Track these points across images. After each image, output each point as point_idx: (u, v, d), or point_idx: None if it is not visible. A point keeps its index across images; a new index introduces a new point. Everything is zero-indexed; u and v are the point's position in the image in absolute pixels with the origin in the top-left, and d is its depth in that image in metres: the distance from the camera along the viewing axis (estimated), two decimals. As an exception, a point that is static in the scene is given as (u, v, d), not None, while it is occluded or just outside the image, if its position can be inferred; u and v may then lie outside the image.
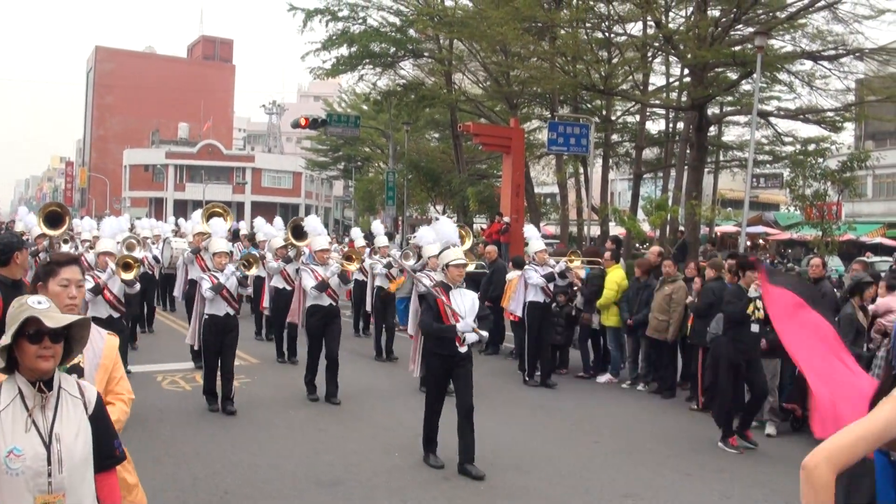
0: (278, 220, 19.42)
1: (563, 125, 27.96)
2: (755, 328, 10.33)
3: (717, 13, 26.03)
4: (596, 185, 34.73)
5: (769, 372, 11.36)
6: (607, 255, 15.29)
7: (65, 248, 15.45)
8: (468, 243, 15.79)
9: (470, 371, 9.04)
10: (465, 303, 9.06)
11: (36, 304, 3.48)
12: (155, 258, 19.12)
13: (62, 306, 4.17)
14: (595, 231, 32.13)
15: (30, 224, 17.45)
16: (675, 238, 27.65)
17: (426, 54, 36.26)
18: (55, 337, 3.47)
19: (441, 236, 10.17)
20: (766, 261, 22.99)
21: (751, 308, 10.22)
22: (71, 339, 3.63)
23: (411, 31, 34.19)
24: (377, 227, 19.59)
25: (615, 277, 14.36)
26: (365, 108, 48.55)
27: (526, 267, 14.41)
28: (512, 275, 15.79)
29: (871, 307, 10.61)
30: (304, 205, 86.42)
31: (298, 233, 15.66)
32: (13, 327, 3.41)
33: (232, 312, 11.62)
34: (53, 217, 14.17)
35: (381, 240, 17.53)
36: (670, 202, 28.90)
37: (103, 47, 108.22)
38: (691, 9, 27.35)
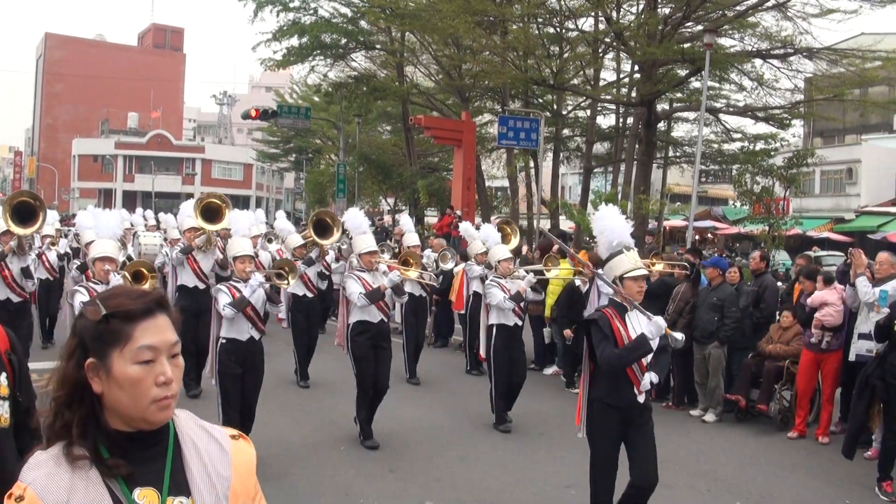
0: (259, 213, 18.34)
1: (513, 119, 28.05)
2: None
3: (666, 10, 26.22)
4: (546, 179, 34.85)
5: (714, 361, 11.52)
6: (555, 248, 15.33)
7: (32, 254, 12.93)
8: (514, 241, 14.23)
9: (651, 429, 6.73)
10: (644, 329, 6.55)
11: None
12: (129, 257, 17.42)
13: (147, 402, 2.18)
14: (545, 225, 32.24)
15: None
16: (623, 232, 27.82)
17: (378, 46, 36.23)
18: None
19: (611, 235, 7.18)
20: (715, 254, 23.25)
21: None
22: None
23: (363, 23, 34.12)
24: (406, 221, 16.38)
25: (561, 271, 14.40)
26: (316, 99, 48.34)
27: (600, 270, 12.44)
28: (458, 268, 15.35)
29: (808, 300, 10.77)
30: (255, 196, 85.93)
31: (322, 229, 13.29)
32: None
33: (257, 336, 9.00)
34: (24, 210, 11.27)
35: (411, 237, 14.43)
36: (619, 196, 29.09)
37: (53, 34, 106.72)
38: (642, 5, 27.54)
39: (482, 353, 11.66)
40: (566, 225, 33.97)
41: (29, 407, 3.60)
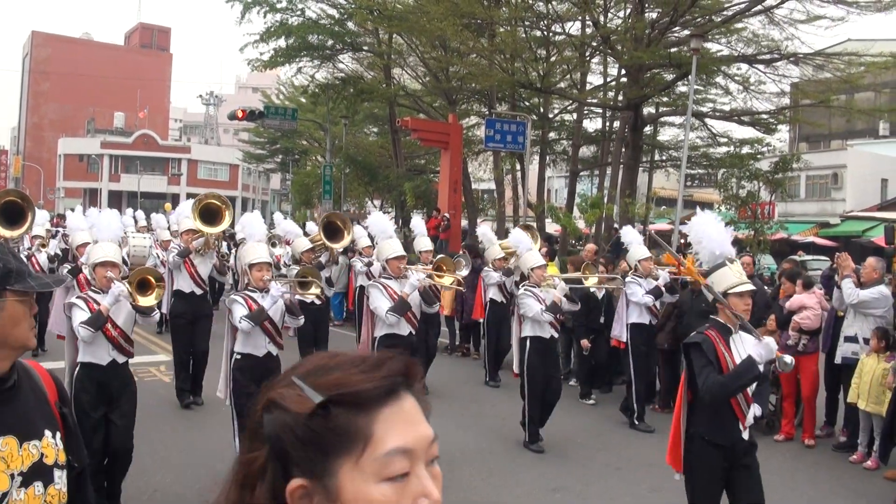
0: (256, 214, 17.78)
1: (500, 122, 28.08)
2: None
3: (654, 15, 26.31)
4: (533, 182, 34.88)
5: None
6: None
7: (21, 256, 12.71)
8: (536, 245, 13.17)
9: (758, 470, 5.86)
10: (752, 351, 5.68)
11: None
12: (122, 260, 16.51)
13: None
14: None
15: None
16: (609, 236, 27.90)
17: (365, 48, 36.21)
18: None
19: (712, 245, 6.23)
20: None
21: None
22: None
23: (350, 24, 34.12)
24: (418, 224, 14.64)
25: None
26: (303, 100, 48.27)
27: (628, 279, 11.65)
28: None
29: (786, 304, 10.84)
30: (241, 197, 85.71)
31: (332, 231, 12.69)
32: None
33: (275, 351, 8.21)
34: (10, 211, 10.58)
35: (423, 242, 13.14)
36: (605, 200, 29.17)
37: (40, 32, 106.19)
38: (629, 10, 27.62)
39: (516, 368, 10.60)
40: (552, 228, 33.98)
41: (82, 472, 2.73)
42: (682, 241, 30.94)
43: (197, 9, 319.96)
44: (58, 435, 2.58)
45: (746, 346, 5.69)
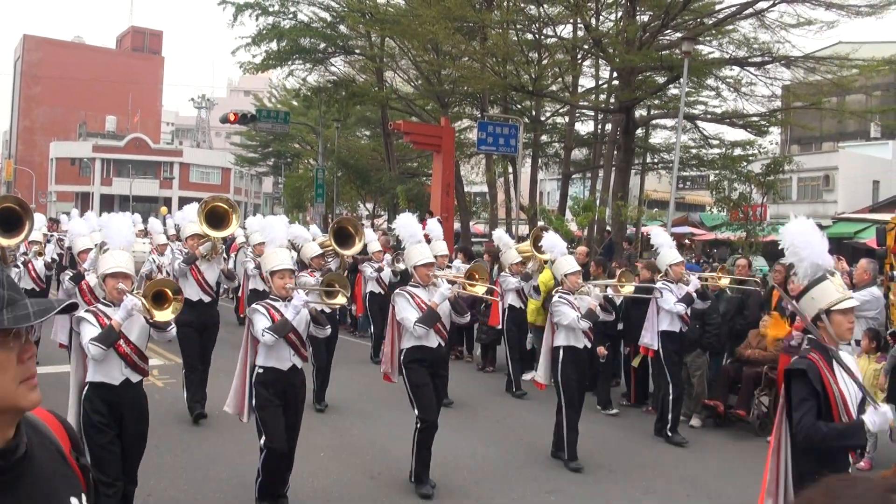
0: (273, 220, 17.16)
1: (492, 125, 28.08)
2: None
3: (645, 18, 26.33)
4: (525, 185, 34.91)
5: (696, 367, 11.58)
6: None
7: (19, 262, 12.34)
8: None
9: None
10: (851, 381, 4.97)
11: None
12: None
13: None
14: (524, 230, 32.30)
15: None
16: (601, 238, 27.93)
17: (357, 51, 36.22)
18: None
19: (813, 256, 5.41)
20: (692, 260, 23.43)
21: None
22: None
23: (342, 28, 34.12)
24: (433, 226, 13.42)
25: (543, 277, 14.33)
26: (295, 104, 48.25)
27: (659, 285, 11.12)
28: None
29: (788, 305, 10.85)
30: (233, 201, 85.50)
31: (343, 237, 12.16)
32: None
33: (300, 364, 7.75)
34: (8, 218, 10.17)
35: (439, 246, 11.80)
36: (598, 203, 29.18)
37: (31, 36, 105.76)
38: (620, 13, 27.65)
39: (540, 378, 9.95)
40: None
41: None
42: (675, 243, 31.07)
43: (189, 12, 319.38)
44: (83, 497, 2.14)
45: (851, 366, 5.04)
